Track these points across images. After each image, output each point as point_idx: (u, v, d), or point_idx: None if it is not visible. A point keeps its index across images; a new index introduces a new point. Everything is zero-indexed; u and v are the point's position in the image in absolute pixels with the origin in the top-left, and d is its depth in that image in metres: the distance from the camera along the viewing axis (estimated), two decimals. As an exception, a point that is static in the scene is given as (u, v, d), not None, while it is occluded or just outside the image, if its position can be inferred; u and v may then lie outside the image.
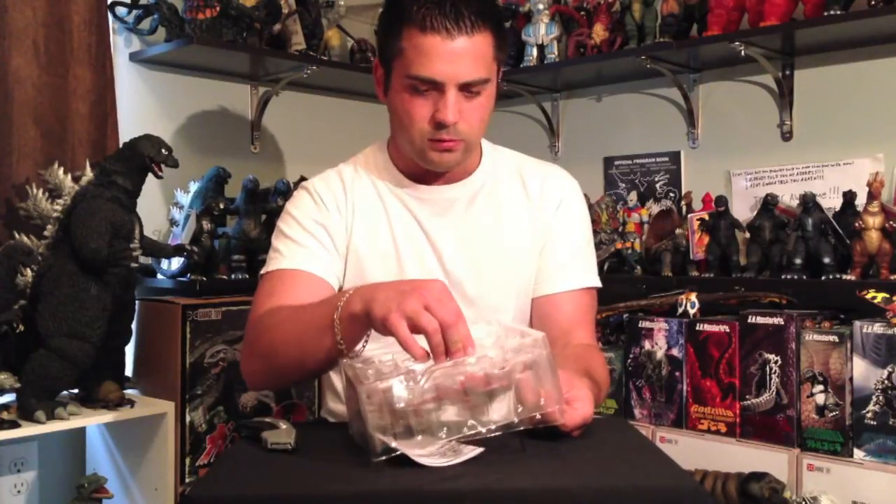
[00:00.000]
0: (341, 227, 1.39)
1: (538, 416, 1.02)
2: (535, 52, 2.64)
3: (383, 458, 0.98)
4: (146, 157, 1.94)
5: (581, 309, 1.43)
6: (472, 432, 1.02)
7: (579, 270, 1.44)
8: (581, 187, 1.63)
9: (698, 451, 2.09)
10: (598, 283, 1.47)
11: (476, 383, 1.01)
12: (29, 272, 1.89)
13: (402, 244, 1.39)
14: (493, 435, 1.02)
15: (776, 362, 2.03)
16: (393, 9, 1.30)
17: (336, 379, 1.46)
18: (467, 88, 1.27)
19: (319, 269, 1.34)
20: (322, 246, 1.37)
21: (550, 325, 1.39)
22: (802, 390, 1.99)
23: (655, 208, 2.48)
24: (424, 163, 1.34)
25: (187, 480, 2.06)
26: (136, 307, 2.08)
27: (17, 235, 1.92)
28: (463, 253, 1.39)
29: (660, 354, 2.21)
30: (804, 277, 2.07)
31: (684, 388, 2.17)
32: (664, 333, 2.21)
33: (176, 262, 2.23)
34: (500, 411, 1.03)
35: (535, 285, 1.43)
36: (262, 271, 1.38)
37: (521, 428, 1.02)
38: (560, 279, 1.42)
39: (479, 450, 1.01)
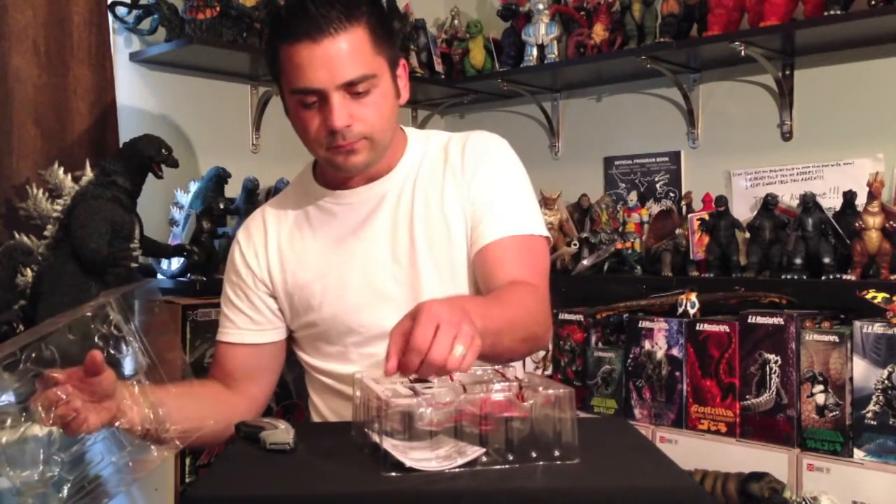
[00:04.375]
0: (264, 278, 1.42)
1: (556, 454, 1.02)
2: (535, 52, 2.64)
3: (392, 473, 0.98)
4: (146, 157, 1.94)
5: (513, 253, 1.32)
6: (487, 459, 1.01)
7: (507, 218, 1.34)
8: (581, 187, 1.64)
9: (698, 451, 2.09)
10: (536, 231, 1.36)
11: (495, 408, 1.02)
12: (29, 272, 1.89)
13: (336, 257, 1.38)
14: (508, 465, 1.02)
15: (776, 362, 2.02)
16: (269, 33, 1.32)
17: (319, 402, 1.47)
18: (351, 89, 1.24)
19: (243, 338, 1.43)
20: (245, 315, 1.43)
21: (490, 277, 1.31)
22: (802, 390, 1.99)
23: (655, 208, 2.48)
24: (336, 169, 1.34)
25: (187, 480, 2.06)
26: (136, 307, 2.08)
27: (17, 235, 1.92)
28: (400, 245, 1.36)
29: (660, 354, 2.21)
30: (804, 277, 2.07)
31: (684, 388, 2.17)
32: (664, 333, 2.21)
33: (176, 262, 2.23)
34: (518, 442, 1.03)
35: (470, 248, 1.36)
36: (218, 336, 1.46)
37: (539, 463, 1.02)
38: (487, 231, 1.33)
39: (482, 449, 1.01)
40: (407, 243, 1.36)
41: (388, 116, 1.30)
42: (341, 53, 1.22)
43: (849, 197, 2.10)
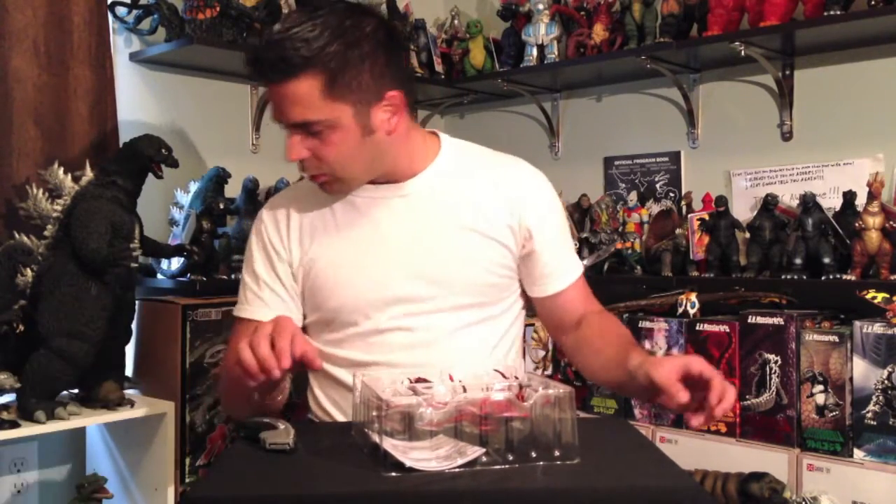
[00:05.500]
0: (285, 256, 1.44)
1: (556, 454, 1.02)
2: (535, 52, 2.64)
3: (392, 473, 0.98)
4: (146, 157, 1.93)
5: (584, 291, 1.54)
6: (487, 459, 1.01)
7: (573, 262, 1.53)
8: (581, 187, 1.66)
9: (698, 451, 2.09)
10: (582, 267, 1.57)
11: (495, 408, 1.02)
12: (29, 272, 1.89)
13: (353, 248, 1.41)
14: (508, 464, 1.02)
15: (776, 362, 2.03)
16: None
17: (319, 391, 1.48)
18: (304, 129, 1.30)
19: (268, 316, 1.40)
20: (271, 290, 1.44)
21: (565, 315, 1.51)
22: (802, 390, 1.99)
23: (655, 208, 2.48)
24: None
25: (187, 480, 2.06)
26: (136, 307, 2.08)
27: (17, 235, 1.92)
28: (417, 245, 1.40)
29: (660, 354, 2.21)
30: (804, 277, 2.07)
31: (684, 388, 2.16)
32: (664, 333, 2.21)
33: (176, 262, 2.23)
34: (518, 442, 1.03)
35: (538, 285, 1.48)
36: (242, 312, 1.47)
37: (539, 463, 1.02)
38: (563, 276, 1.49)
39: (482, 449, 1.01)
40: (425, 246, 1.39)
41: (349, 155, 1.32)
42: (286, 99, 1.28)
43: (849, 197, 2.10)
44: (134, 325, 2.07)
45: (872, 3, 2.02)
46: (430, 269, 1.39)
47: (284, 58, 1.25)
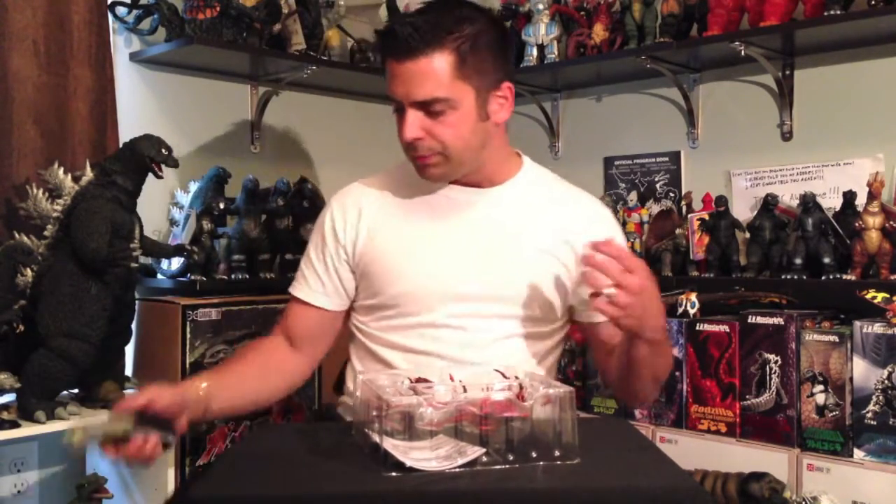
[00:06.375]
0: (348, 247, 1.49)
1: (556, 454, 1.03)
2: (535, 52, 2.64)
3: (393, 473, 0.98)
4: (146, 157, 1.94)
5: None
6: (487, 459, 1.01)
7: None
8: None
9: (698, 451, 2.09)
10: None
11: (495, 408, 1.03)
12: (29, 272, 1.89)
13: (420, 242, 1.46)
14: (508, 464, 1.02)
15: (776, 362, 2.03)
16: None
17: (359, 366, 1.52)
18: (425, 107, 1.34)
19: (321, 302, 1.52)
20: (329, 278, 1.51)
21: (604, 345, 1.50)
22: (802, 390, 1.99)
23: (655, 208, 2.48)
24: (417, 173, 1.44)
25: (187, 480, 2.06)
26: (136, 307, 2.08)
27: (17, 235, 1.92)
28: (479, 251, 1.44)
29: (660, 354, 2.21)
30: (804, 277, 2.07)
31: (684, 388, 2.17)
32: (664, 333, 2.20)
33: (176, 262, 2.23)
34: (518, 442, 1.03)
35: (588, 309, 1.49)
36: (291, 288, 1.56)
37: (540, 463, 1.02)
38: None
39: (482, 449, 1.01)
40: (493, 250, 1.44)
41: (464, 137, 1.38)
42: (417, 76, 1.33)
43: (849, 197, 2.09)
44: (134, 325, 2.07)
45: (872, 3, 2.02)
46: (495, 272, 1.43)
47: (423, 34, 1.31)
